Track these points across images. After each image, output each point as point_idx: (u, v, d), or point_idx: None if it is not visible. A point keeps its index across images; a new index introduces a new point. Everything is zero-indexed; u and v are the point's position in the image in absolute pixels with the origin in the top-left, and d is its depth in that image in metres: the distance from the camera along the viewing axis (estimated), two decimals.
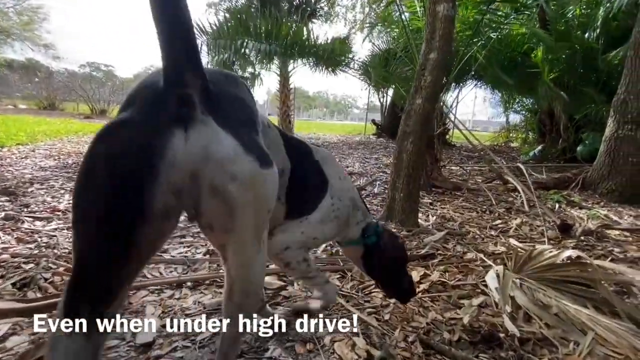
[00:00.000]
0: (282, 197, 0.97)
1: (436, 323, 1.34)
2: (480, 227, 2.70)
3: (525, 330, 1.31)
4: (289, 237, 1.04)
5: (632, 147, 3.75)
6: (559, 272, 1.59)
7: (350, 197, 1.18)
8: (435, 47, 2.27)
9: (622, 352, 1.20)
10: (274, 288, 1.55)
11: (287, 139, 1.02)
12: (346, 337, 1.21)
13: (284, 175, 0.95)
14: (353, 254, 1.29)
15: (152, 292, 1.51)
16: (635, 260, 2.14)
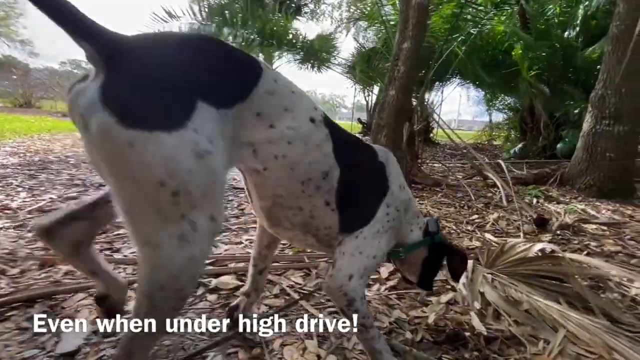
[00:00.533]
0: (331, 202, 0.86)
1: (400, 322, 1.24)
2: (457, 222, 2.63)
3: (494, 329, 1.22)
4: (350, 261, 0.88)
5: (609, 142, 3.76)
6: (532, 266, 1.52)
7: (403, 200, 1.01)
8: (409, 36, 2.20)
9: (595, 351, 1.12)
10: (229, 288, 1.42)
11: (341, 135, 0.88)
12: (298, 340, 1.10)
13: (327, 179, 0.83)
14: (414, 259, 1.09)
15: (91, 295, 1.36)
16: (611, 254, 2.09)
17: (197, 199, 0.60)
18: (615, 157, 3.72)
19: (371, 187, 0.95)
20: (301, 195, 0.82)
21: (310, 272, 1.61)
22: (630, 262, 1.96)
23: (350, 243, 0.90)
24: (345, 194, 0.86)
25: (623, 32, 3.69)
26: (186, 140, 0.56)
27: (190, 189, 0.58)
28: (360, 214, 0.92)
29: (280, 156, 0.75)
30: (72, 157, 5.15)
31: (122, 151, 0.54)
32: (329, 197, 0.85)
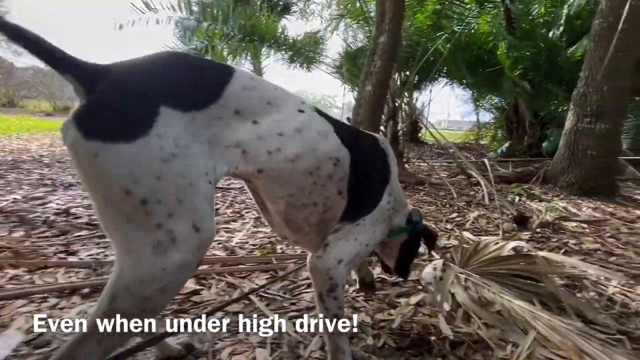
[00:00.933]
0: (343, 190, 0.84)
1: (363, 326, 1.16)
2: (437, 220, 2.58)
3: (462, 332, 1.15)
4: (343, 246, 0.86)
5: (591, 140, 3.76)
6: (505, 265, 1.46)
7: (398, 189, 1.03)
8: (385, 30, 2.13)
9: (566, 355, 1.06)
10: (184, 293, 1.33)
11: (340, 124, 0.88)
12: (250, 349, 1.01)
13: (339, 165, 0.81)
14: (394, 244, 1.10)
15: (33, 301, 1.25)
16: (589, 252, 2.06)
17: (172, 206, 0.58)
18: (596, 155, 3.71)
19: (377, 174, 0.94)
20: (313, 188, 0.79)
21: (276, 275, 1.52)
22: (608, 260, 1.93)
23: (350, 230, 0.87)
24: (356, 181, 0.84)
25: (605, 30, 3.69)
26: (149, 147, 0.57)
27: (161, 195, 0.57)
28: (366, 202, 0.90)
29: (274, 151, 0.72)
30: (47, 156, 4.98)
31: (87, 162, 0.56)
32: (342, 185, 0.83)
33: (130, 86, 0.60)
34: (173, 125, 0.59)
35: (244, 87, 0.70)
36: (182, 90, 0.64)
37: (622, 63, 3.59)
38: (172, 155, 0.58)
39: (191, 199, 0.59)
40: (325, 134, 0.80)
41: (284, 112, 0.75)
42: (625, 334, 1.20)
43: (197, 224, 0.60)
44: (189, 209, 0.59)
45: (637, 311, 1.38)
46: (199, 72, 0.68)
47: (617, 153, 3.93)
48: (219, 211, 2.49)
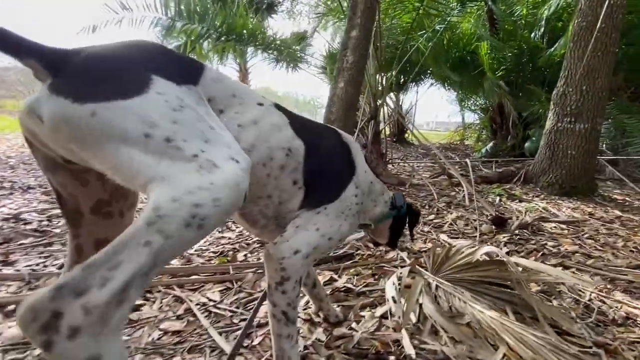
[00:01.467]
0: (299, 180, 0.84)
1: (317, 345, 1.04)
2: None
3: (427, 349, 1.05)
4: (301, 235, 0.82)
5: (570, 139, 3.74)
6: (478, 272, 1.37)
7: (368, 183, 1.04)
8: (357, 24, 2.03)
9: None
10: None
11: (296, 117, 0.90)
12: None
13: (291, 156, 0.82)
14: (383, 227, 1.19)
15: None
16: (567, 255, 1.99)
17: (201, 143, 0.56)
18: (576, 155, 3.70)
19: (338, 165, 0.94)
20: (266, 181, 0.79)
21: (232, 286, 1.39)
22: (586, 263, 1.86)
23: (309, 217, 0.85)
24: (312, 169, 0.85)
25: (584, 30, 3.69)
26: (152, 100, 0.56)
27: (185, 135, 0.55)
28: (327, 190, 0.89)
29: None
30: (15, 158, 4.72)
31: (85, 125, 0.52)
32: (296, 175, 0.83)
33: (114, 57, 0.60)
34: (171, 88, 0.59)
35: (214, 79, 0.73)
36: (169, 68, 0.64)
37: (601, 62, 3.59)
38: (181, 106, 0.58)
39: (218, 138, 0.59)
40: (279, 126, 0.81)
41: (245, 104, 0.77)
42: (601, 345, 1.11)
43: (235, 156, 0.58)
44: (220, 144, 0.58)
45: (614, 319, 1.30)
46: (177, 58, 0.70)
47: (596, 153, 3.93)
48: None
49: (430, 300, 1.22)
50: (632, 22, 5.60)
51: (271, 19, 12.47)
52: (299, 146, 0.83)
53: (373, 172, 1.12)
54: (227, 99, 0.75)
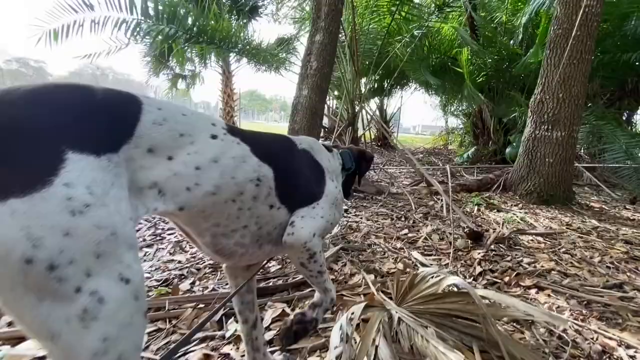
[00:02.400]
0: (275, 203, 0.83)
1: None
2: (388, 237, 2.36)
3: None
4: (313, 222, 0.90)
5: (548, 147, 3.71)
6: (444, 304, 1.23)
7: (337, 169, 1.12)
8: (321, 27, 1.89)
9: None
10: None
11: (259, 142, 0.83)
12: None
13: (261, 185, 0.79)
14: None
15: None
16: (543, 274, 1.89)
17: (90, 263, 0.47)
18: (554, 163, 3.67)
19: (307, 171, 0.96)
20: (239, 213, 0.77)
21: (165, 326, 1.22)
22: (562, 284, 1.76)
23: (309, 210, 0.91)
24: (285, 188, 0.85)
25: (560, 37, 3.67)
26: (54, 199, 0.45)
27: (74, 254, 0.46)
28: (310, 194, 0.94)
29: (193, 186, 0.66)
30: None
31: None
32: (272, 200, 0.82)
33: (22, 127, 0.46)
34: (86, 170, 0.49)
35: (153, 122, 0.62)
36: (92, 131, 0.53)
37: (577, 70, 3.57)
38: (86, 205, 0.47)
39: (114, 249, 0.50)
40: (242, 157, 0.76)
41: (198, 142, 0.68)
42: None
43: (125, 275, 0.50)
44: (112, 261, 0.49)
45: (589, 355, 1.19)
46: (108, 109, 0.57)
47: (573, 160, 3.91)
48: (138, 232, 2.14)
49: (387, 343, 1.07)
50: (607, 30, 5.70)
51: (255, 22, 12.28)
52: (267, 172, 0.80)
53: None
54: (175, 141, 0.65)
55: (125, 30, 3.69)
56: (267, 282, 1.56)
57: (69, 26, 3.68)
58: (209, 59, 11.41)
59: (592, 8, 3.46)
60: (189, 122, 0.68)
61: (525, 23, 6.10)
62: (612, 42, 5.71)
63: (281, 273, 1.67)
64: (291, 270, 1.71)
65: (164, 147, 0.63)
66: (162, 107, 0.65)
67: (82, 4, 3.81)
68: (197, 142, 0.68)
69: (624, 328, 1.37)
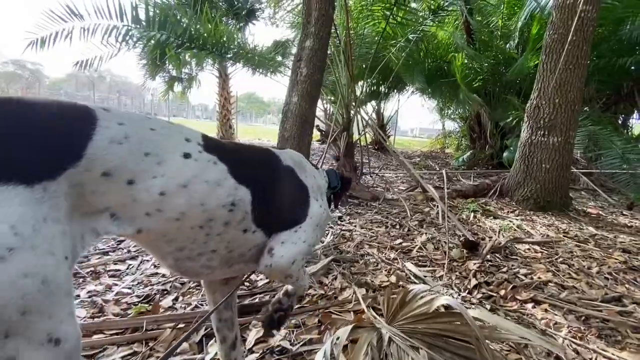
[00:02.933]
0: (250, 227, 0.76)
1: None
2: (381, 247, 2.30)
3: None
4: (294, 248, 0.85)
5: (544, 153, 3.67)
6: (436, 324, 1.17)
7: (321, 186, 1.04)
8: (311, 32, 1.85)
9: None
10: None
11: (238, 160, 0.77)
12: None
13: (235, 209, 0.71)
14: None
15: None
16: (540, 286, 1.84)
17: (12, 321, 0.39)
18: (550, 169, 3.63)
19: (291, 190, 0.90)
20: (208, 239, 0.70)
21: (142, 349, 1.15)
22: (560, 297, 1.71)
23: (291, 235, 0.85)
24: (263, 211, 0.78)
25: (556, 42, 3.64)
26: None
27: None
28: (293, 215, 0.88)
29: (154, 212, 0.59)
30: None
31: None
32: (246, 225, 0.75)
33: None
34: (13, 205, 0.41)
35: (112, 140, 0.53)
36: (26, 155, 0.45)
37: (573, 76, 3.54)
38: (9, 249, 0.40)
39: (43, 302, 0.42)
40: (217, 181, 0.68)
41: (166, 163, 0.60)
42: None
43: (55, 334, 0.42)
44: (39, 318, 0.41)
45: None
46: (50, 126, 0.49)
47: (570, 166, 3.88)
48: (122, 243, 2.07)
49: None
50: (603, 35, 5.70)
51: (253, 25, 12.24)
52: (243, 195, 0.73)
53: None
54: (138, 161, 0.56)
55: (116, 36, 3.64)
56: (253, 298, 1.50)
57: (57, 33, 3.62)
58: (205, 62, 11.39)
59: (587, 13, 3.44)
60: (157, 138, 0.60)
61: (521, 27, 6.11)
62: (608, 47, 5.71)
63: (268, 287, 1.60)
64: (279, 285, 1.65)
65: (123, 170, 0.54)
66: (124, 121, 0.56)
67: (71, 13, 3.76)
68: (166, 162, 0.60)
69: (623, 347, 1.32)
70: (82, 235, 0.53)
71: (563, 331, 1.41)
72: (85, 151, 0.50)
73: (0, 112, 0.46)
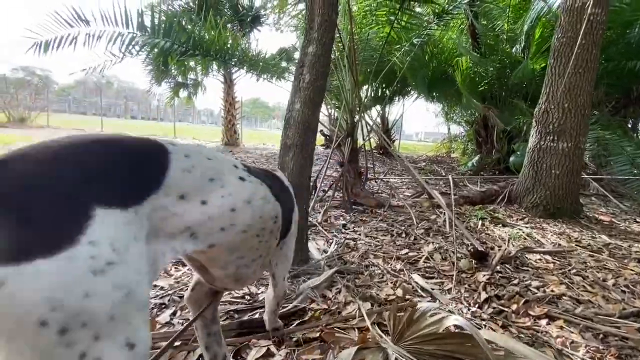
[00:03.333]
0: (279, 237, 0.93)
1: None
2: (387, 257, 2.23)
3: None
4: (284, 267, 1.06)
5: (554, 158, 3.58)
6: (446, 344, 1.11)
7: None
8: (314, 38, 1.81)
9: None
10: None
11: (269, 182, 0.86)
12: None
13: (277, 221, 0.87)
14: None
15: None
16: (554, 300, 1.76)
17: (102, 326, 0.45)
18: (560, 175, 3.54)
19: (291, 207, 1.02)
20: (259, 245, 0.83)
21: None
22: (574, 312, 1.63)
23: (279, 253, 1.03)
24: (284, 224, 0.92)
25: (565, 46, 3.57)
26: (78, 259, 0.43)
27: (88, 316, 0.43)
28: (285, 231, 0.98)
29: (228, 226, 0.70)
30: None
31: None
32: (278, 234, 0.91)
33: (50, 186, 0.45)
34: (112, 226, 0.47)
35: (183, 169, 0.62)
36: (118, 183, 0.52)
37: (582, 80, 3.47)
38: (108, 264, 0.45)
39: (126, 311, 0.47)
40: (268, 198, 0.82)
41: (229, 185, 0.71)
42: None
43: (131, 339, 0.48)
44: (122, 324, 0.47)
45: None
46: (133, 159, 0.57)
47: (580, 172, 3.79)
48: None
49: None
50: (611, 38, 5.61)
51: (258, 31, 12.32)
52: (280, 210, 0.87)
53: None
54: (206, 186, 0.66)
55: (120, 43, 3.64)
56: (253, 313, 1.44)
57: (62, 38, 3.63)
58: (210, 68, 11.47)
59: (597, 16, 3.37)
60: (215, 166, 0.70)
61: (527, 30, 6.04)
62: (616, 50, 5.62)
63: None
64: None
65: (195, 193, 0.63)
66: (189, 153, 0.66)
67: (78, 19, 3.78)
68: (227, 184, 0.70)
69: None
70: (164, 253, 0.60)
71: (580, 351, 1.33)
72: (164, 179, 0.58)
73: (97, 149, 0.53)
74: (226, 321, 1.36)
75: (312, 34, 1.81)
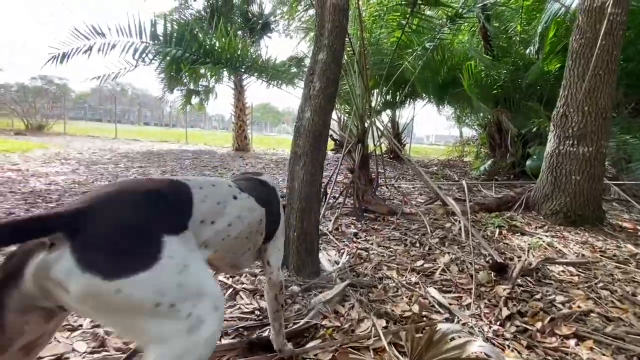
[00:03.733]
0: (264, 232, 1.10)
1: None
2: (401, 269, 2.15)
3: None
4: (278, 257, 1.20)
5: (574, 164, 3.44)
6: None
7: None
8: (324, 45, 1.77)
9: None
10: None
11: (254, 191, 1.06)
12: None
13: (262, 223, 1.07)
14: None
15: None
16: (582, 318, 1.65)
17: (196, 299, 0.68)
18: (581, 181, 3.40)
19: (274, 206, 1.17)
20: (248, 243, 1.03)
21: None
22: (604, 331, 1.53)
23: (273, 246, 1.18)
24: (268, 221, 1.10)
25: (584, 47, 3.44)
26: (166, 267, 0.65)
27: (185, 295, 0.67)
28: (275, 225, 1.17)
29: (226, 237, 0.91)
30: None
31: (110, 300, 0.60)
32: (264, 231, 1.10)
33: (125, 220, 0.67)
34: (176, 246, 0.70)
35: (201, 200, 0.84)
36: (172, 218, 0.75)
37: (603, 82, 3.33)
38: (184, 265, 0.68)
39: (207, 288, 0.71)
40: (254, 208, 1.02)
41: (228, 205, 0.92)
42: None
43: (217, 304, 0.71)
44: (208, 296, 0.70)
45: None
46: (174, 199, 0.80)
47: (602, 177, 3.63)
48: None
49: None
50: (630, 38, 5.41)
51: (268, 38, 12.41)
52: (263, 212, 1.07)
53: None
54: (216, 209, 0.88)
55: (133, 53, 3.68)
56: (262, 330, 1.39)
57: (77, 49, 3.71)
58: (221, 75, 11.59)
59: (617, 16, 3.25)
60: (217, 191, 0.91)
61: (541, 32, 5.90)
62: (635, 50, 5.43)
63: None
64: (291, 314, 1.53)
65: (208, 216, 0.85)
66: (202, 186, 0.87)
67: (94, 32, 3.86)
68: (227, 205, 0.92)
69: None
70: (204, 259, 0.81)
71: None
72: (193, 210, 0.81)
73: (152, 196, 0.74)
74: (235, 339, 1.31)
75: (322, 41, 1.77)
